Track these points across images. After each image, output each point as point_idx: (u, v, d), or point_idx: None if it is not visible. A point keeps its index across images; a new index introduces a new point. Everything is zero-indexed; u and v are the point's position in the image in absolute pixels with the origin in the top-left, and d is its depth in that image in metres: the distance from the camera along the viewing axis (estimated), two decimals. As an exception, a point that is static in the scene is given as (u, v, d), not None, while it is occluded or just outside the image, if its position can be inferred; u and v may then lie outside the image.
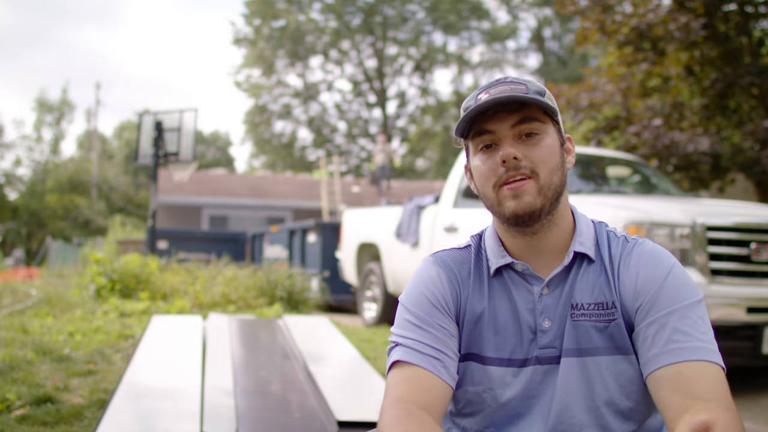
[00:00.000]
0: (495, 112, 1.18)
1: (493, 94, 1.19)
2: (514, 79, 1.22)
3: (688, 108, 8.43)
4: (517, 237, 1.24)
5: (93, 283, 7.72)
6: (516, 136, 1.18)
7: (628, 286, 1.19)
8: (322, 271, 9.52)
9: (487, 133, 1.19)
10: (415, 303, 1.24)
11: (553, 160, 1.19)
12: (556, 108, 1.23)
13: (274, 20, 34.08)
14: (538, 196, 1.17)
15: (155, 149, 9.84)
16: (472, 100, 1.22)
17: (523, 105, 1.18)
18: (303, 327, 5.09)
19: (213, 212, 21.10)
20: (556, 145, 1.21)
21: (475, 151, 1.23)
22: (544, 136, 1.20)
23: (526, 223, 1.19)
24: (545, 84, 11.94)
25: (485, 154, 1.21)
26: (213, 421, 2.72)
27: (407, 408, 1.11)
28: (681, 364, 1.10)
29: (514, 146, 1.17)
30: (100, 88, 48.90)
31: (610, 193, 5.16)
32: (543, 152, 1.18)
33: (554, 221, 1.22)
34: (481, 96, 1.20)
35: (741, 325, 3.80)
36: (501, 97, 1.16)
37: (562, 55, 35.21)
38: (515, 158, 1.16)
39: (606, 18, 8.33)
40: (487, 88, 1.21)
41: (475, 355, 1.23)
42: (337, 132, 36.87)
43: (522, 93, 1.18)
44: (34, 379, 3.53)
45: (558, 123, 1.24)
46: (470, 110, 1.18)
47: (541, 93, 1.21)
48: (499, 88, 1.20)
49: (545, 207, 1.18)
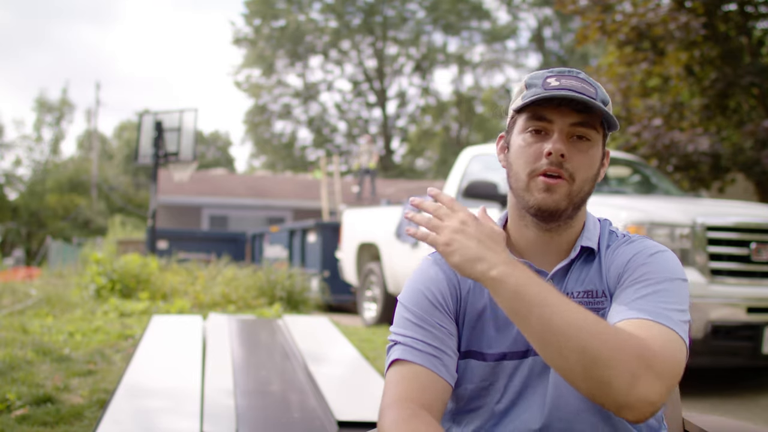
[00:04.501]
0: (560, 103, 1.17)
1: (564, 84, 1.17)
2: (586, 78, 1.21)
3: (688, 108, 8.43)
4: (530, 229, 1.24)
5: (93, 283, 7.72)
6: (569, 134, 1.18)
7: (614, 272, 1.20)
8: (322, 271, 9.52)
9: (545, 120, 1.19)
10: (414, 302, 1.24)
11: (591, 170, 1.20)
12: (616, 122, 1.22)
13: (274, 20, 34.08)
14: (566, 198, 1.18)
15: (155, 149, 9.84)
16: (539, 80, 1.20)
17: (586, 107, 1.17)
18: (303, 327, 5.09)
19: (213, 212, 21.10)
20: (598, 157, 1.22)
21: (523, 129, 1.21)
22: (593, 145, 1.20)
23: (546, 218, 1.20)
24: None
25: (533, 137, 1.19)
26: (213, 420, 2.71)
27: (410, 407, 1.11)
28: (642, 320, 1.08)
29: (565, 143, 1.17)
30: (99, 88, 48.89)
31: (610, 193, 5.16)
32: (586, 160, 1.19)
33: (571, 224, 1.23)
34: (551, 81, 1.19)
35: (741, 325, 3.80)
36: (572, 94, 1.15)
37: (562, 55, 35.18)
38: (562, 156, 1.16)
39: (606, 17, 8.33)
40: (558, 75, 1.20)
41: (475, 351, 1.23)
42: (337, 132, 36.88)
43: (591, 96, 1.17)
44: (34, 379, 3.53)
45: (606, 136, 1.24)
46: (538, 94, 1.17)
47: (606, 102, 1.21)
48: (570, 81, 1.18)
49: (568, 210, 1.19)
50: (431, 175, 35.28)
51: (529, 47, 37.13)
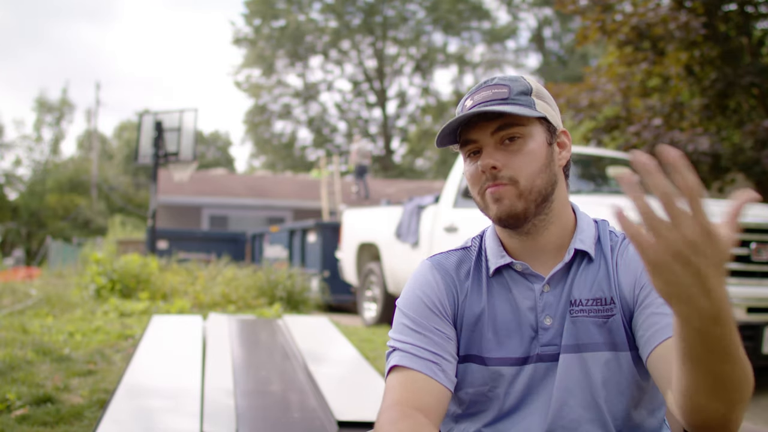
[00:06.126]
0: (477, 120, 1.19)
1: (476, 100, 1.19)
2: (500, 81, 1.21)
3: (688, 108, 8.42)
4: (513, 237, 1.24)
5: (93, 283, 7.72)
6: (498, 141, 1.18)
7: (627, 279, 1.19)
8: (322, 271, 9.52)
9: (471, 142, 1.21)
10: (411, 307, 1.24)
11: (533, 165, 1.19)
12: (545, 105, 1.22)
13: (274, 20, 34.11)
14: (518, 200, 1.18)
15: (155, 149, 9.84)
16: (460, 106, 1.23)
17: (500, 113, 1.18)
18: (303, 327, 5.09)
19: (213, 212, 21.10)
20: (540, 147, 1.20)
21: (465, 156, 1.24)
22: (526, 140, 1.19)
23: (512, 225, 1.20)
24: (545, 84, 11.92)
25: (472, 160, 1.22)
26: (213, 420, 2.72)
27: (402, 410, 1.12)
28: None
29: (494, 155, 1.18)
30: (99, 88, 48.91)
31: (610, 193, 5.16)
32: (523, 158, 1.18)
33: (549, 220, 1.22)
34: (467, 102, 1.21)
35: (741, 325, 3.80)
36: (474, 111, 1.16)
37: (562, 55, 35.21)
38: (494, 167, 1.17)
39: (606, 17, 8.33)
40: (473, 94, 1.22)
41: (474, 356, 1.23)
42: (337, 132, 36.89)
43: (502, 98, 1.18)
44: (34, 379, 3.53)
45: (546, 121, 1.22)
46: (451, 121, 1.19)
47: (527, 92, 1.20)
48: (482, 94, 1.20)
49: (529, 209, 1.18)
50: (431, 175, 35.30)
51: (529, 47, 37.18)
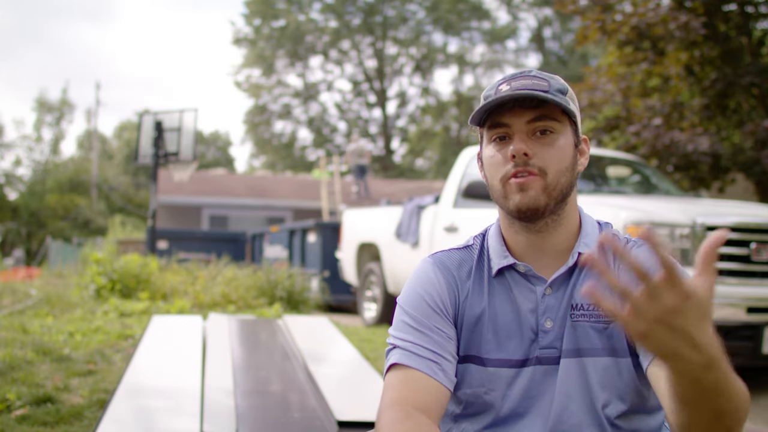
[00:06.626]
0: (512, 105, 1.17)
1: (514, 87, 1.18)
2: (538, 74, 1.21)
3: (688, 108, 8.42)
4: (520, 234, 1.23)
5: (93, 283, 7.72)
6: (530, 132, 1.18)
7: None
8: (322, 271, 9.52)
9: (502, 126, 1.19)
10: (412, 305, 1.23)
11: (563, 162, 1.19)
12: (576, 109, 1.22)
13: (274, 20, 34.09)
14: (542, 193, 1.16)
15: (155, 149, 9.84)
16: (492, 89, 1.21)
17: (541, 102, 1.17)
18: (303, 327, 5.09)
19: (213, 212, 21.10)
20: (569, 146, 1.20)
21: (489, 141, 1.22)
22: (558, 136, 1.19)
23: (530, 218, 1.19)
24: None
25: (498, 145, 1.20)
26: (213, 420, 2.71)
27: (404, 410, 1.11)
28: None
29: (527, 142, 1.17)
30: (99, 88, 48.90)
31: (610, 193, 5.16)
32: (554, 152, 1.17)
33: (560, 222, 1.22)
34: (502, 87, 1.19)
35: (741, 325, 3.80)
36: (519, 93, 1.15)
37: (562, 55, 35.20)
38: (525, 155, 1.16)
39: (606, 17, 8.33)
40: (510, 80, 1.21)
41: (474, 356, 1.22)
42: (337, 132, 36.88)
43: (543, 89, 1.17)
44: (34, 379, 3.53)
45: (575, 123, 1.22)
46: (488, 101, 1.17)
47: (563, 91, 1.20)
48: (521, 81, 1.19)
49: (549, 205, 1.18)
50: (431, 175, 35.29)
51: (529, 47, 37.17)
